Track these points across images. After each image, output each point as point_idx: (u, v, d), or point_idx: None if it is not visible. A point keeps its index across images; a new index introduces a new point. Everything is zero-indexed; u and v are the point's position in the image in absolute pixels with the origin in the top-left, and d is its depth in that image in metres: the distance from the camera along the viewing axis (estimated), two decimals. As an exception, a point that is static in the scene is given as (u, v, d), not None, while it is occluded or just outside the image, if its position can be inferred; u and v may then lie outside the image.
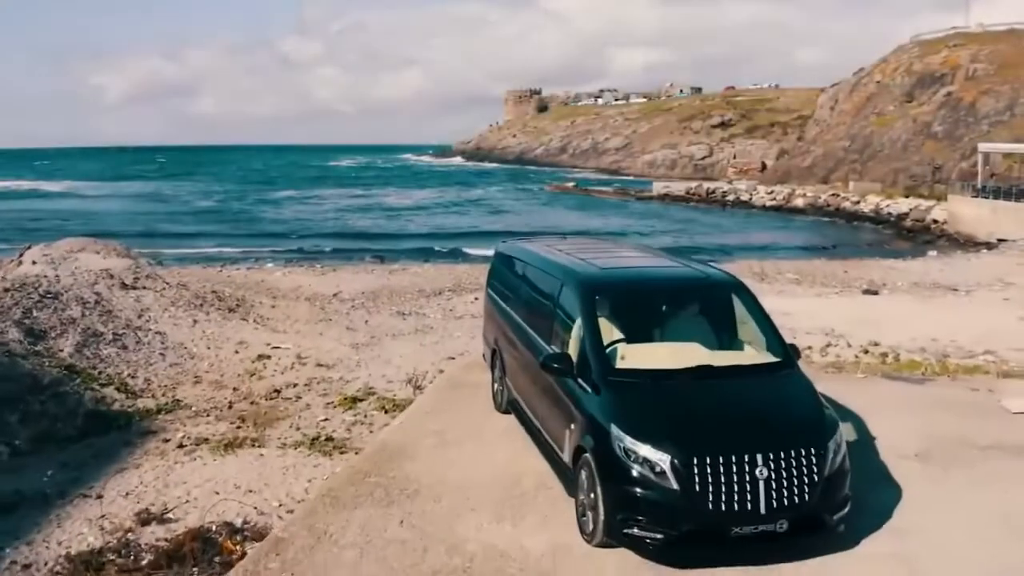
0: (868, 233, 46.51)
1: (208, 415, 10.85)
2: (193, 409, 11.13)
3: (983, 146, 48.14)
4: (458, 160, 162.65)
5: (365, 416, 10.43)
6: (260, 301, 18.82)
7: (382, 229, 42.78)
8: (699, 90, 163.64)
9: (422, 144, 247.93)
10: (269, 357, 13.66)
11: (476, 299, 19.91)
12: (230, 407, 11.16)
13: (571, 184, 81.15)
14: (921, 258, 31.92)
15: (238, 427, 10.28)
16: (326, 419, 10.41)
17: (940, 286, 24.53)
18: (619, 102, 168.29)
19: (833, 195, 56.84)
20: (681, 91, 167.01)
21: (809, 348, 13.36)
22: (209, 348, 14.25)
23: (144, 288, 16.63)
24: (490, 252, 30.17)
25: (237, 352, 14.06)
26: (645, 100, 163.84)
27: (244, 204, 65.26)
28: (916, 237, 43.79)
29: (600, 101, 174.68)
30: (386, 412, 10.43)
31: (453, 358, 13.42)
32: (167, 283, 17.39)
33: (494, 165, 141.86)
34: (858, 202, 53.98)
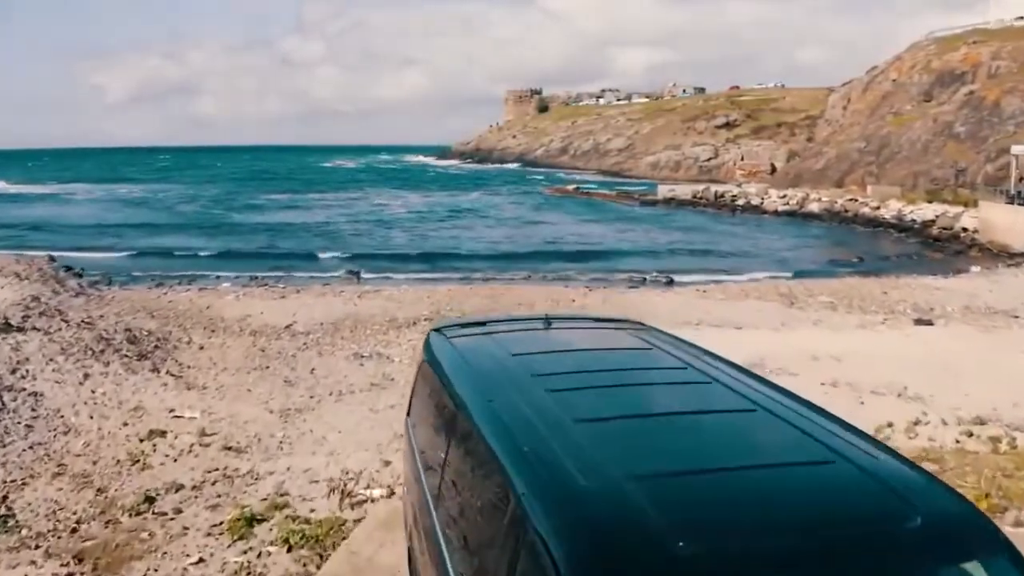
0: (892, 242, 43.11)
1: (39, 545, 7.46)
2: (23, 532, 7.74)
3: (1016, 148, 44.68)
4: (457, 161, 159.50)
5: (259, 555, 7.02)
6: (188, 340, 15.44)
7: (365, 240, 39.10)
8: (702, 90, 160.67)
9: (422, 145, 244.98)
10: (164, 434, 10.26)
11: (455, 333, 16.50)
12: (74, 530, 7.77)
13: (572, 187, 77.77)
14: (964, 275, 28.50)
15: (69, 574, 6.91)
16: (200, 560, 7.02)
17: (996, 311, 21.15)
18: (621, 102, 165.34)
19: (851, 200, 53.38)
20: (684, 91, 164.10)
21: (890, 426, 9.93)
22: (93, 417, 10.87)
23: (33, 330, 13.27)
24: (481, 271, 26.61)
25: (127, 424, 10.67)
26: (647, 100, 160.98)
27: (228, 209, 61.84)
28: (946, 247, 40.37)
29: (602, 101, 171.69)
30: (290, 549, 7.04)
31: (409, 436, 10.02)
32: (65, 321, 14.01)
33: (493, 166, 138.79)
34: (878, 207, 50.52)
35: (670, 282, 27.71)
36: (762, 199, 58.68)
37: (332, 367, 13.88)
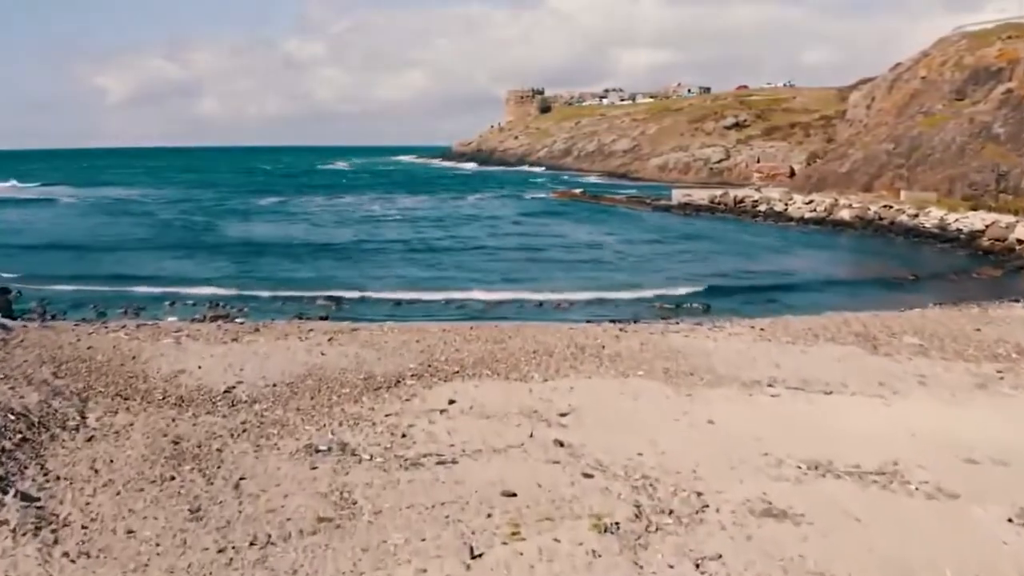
0: (938, 255, 38.82)
1: None
2: None
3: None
4: (458, 162, 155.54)
5: None
6: (80, 420, 11.13)
7: (348, 258, 33.67)
8: (708, 90, 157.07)
9: (424, 145, 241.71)
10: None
11: (452, 403, 12.32)
12: None
13: (579, 191, 73.38)
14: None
15: None
16: None
17: None
18: (625, 102, 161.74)
19: (885, 206, 49.04)
20: (689, 90, 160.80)
21: None
22: None
23: None
24: (483, 299, 22.11)
25: None
26: (652, 100, 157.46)
27: (211, 217, 57.36)
28: (1003, 262, 36.08)
29: (605, 101, 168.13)
30: None
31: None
32: None
33: (495, 168, 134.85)
34: (916, 215, 46.21)
35: (707, 309, 23.41)
36: (786, 205, 54.41)
37: (270, 475, 9.56)
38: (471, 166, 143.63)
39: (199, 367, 14.48)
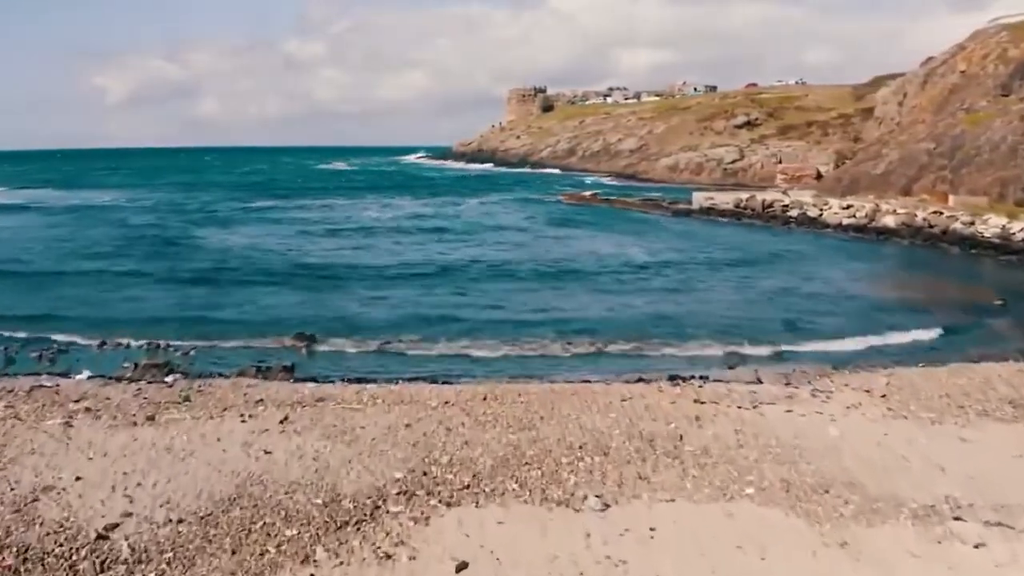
0: (1006, 269, 34.12)
1: None
2: None
3: None
4: (459, 163, 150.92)
5: None
6: None
7: (335, 279, 28.18)
8: (714, 88, 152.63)
9: (424, 145, 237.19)
10: None
11: (463, 568, 7.33)
12: None
13: (590, 194, 68.40)
14: None
15: None
16: None
17: None
18: (629, 101, 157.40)
19: (935, 212, 44.09)
20: (695, 89, 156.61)
21: None
22: None
23: None
24: (494, 349, 16.08)
25: None
26: (657, 98, 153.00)
27: (190, 225, 52.03)
28: (1089, 278, 31.26)
29: (609, 100, 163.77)
30: None
31: None
32: None
33: (497, 169, 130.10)
34: (972, 222, 41.29)
35: (780, 354, 18.49)
36: (821, 210, 49.40)
37: None
38: (472, 167, 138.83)
39: (76, 479, 9.57)
